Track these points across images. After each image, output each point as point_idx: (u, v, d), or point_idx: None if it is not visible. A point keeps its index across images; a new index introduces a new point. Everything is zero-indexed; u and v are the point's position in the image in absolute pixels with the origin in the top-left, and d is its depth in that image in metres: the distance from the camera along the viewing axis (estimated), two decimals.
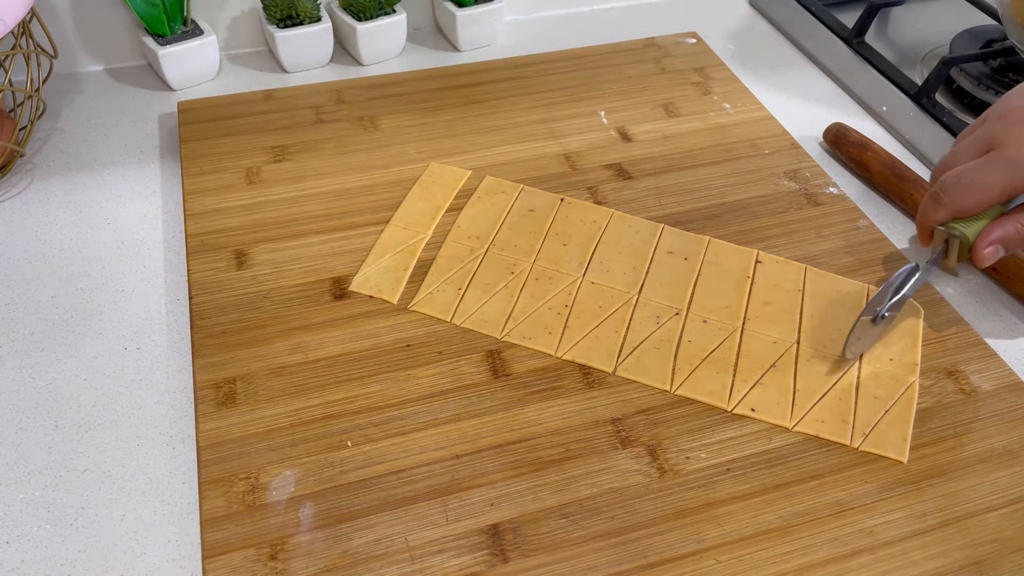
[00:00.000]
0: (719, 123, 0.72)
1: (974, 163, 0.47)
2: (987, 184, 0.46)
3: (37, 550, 0.44)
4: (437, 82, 0.75)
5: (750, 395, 0.51)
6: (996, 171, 0.46)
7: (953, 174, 0.48)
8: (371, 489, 0.46)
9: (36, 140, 0.70)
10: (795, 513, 0.45)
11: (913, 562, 0.44)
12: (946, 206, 0.48)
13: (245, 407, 0.49)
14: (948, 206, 0.48)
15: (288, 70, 0.79)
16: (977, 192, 0.47)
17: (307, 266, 0.58)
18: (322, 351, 0.52)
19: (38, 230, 0.63)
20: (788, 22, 0.88)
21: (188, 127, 0.69)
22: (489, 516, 0.45)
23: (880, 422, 0.50)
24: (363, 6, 0.77)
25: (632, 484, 0.46)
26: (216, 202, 0.62)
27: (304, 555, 0.43)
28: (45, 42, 0.71)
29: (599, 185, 0.65)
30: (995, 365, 0.53)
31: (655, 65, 0.79)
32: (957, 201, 0.48)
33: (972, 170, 0.47)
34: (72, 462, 0.48)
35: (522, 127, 0.71)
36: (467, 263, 0.58)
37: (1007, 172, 0.46)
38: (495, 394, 0.50)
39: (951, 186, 0.48)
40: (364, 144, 0.68)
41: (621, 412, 0.50)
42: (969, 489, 0.47)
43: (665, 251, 0.60)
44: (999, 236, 0.48)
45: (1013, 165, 0.45)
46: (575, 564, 0.43)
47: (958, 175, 0.47)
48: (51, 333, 0.55)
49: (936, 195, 0.49)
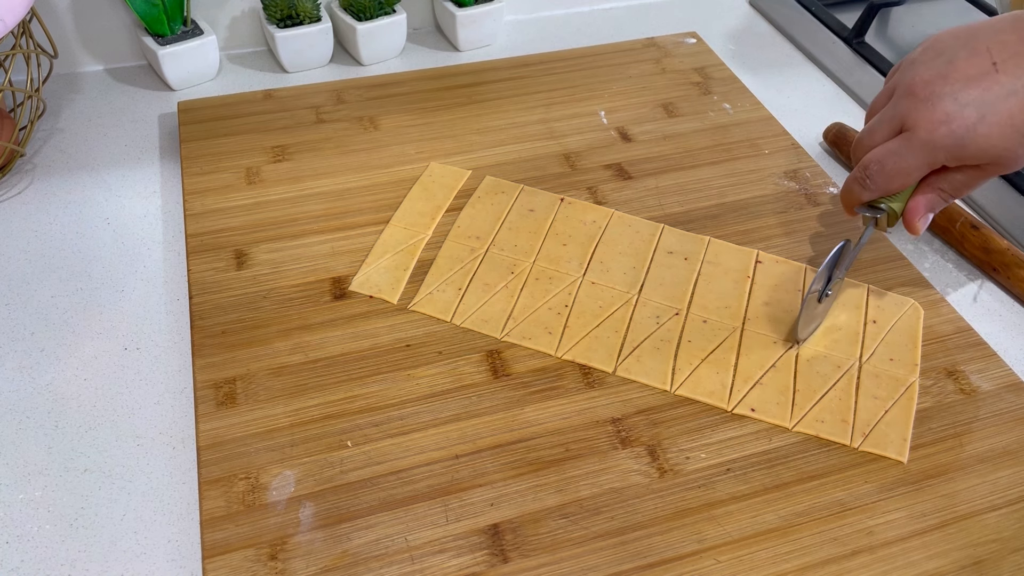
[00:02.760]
0: (719, 123, 0.72)
1: (892, 148, 0.50)
2: (908, 168, 0.49)
3: (37, 550, 0.44)
4: (437, 82, 0.75)
5: (750, 395, 0.51)
6: (914, 154, 0.49)
7: (876, 160, 0.50)
8: (371, 489, 0.46)
9: (36, 140, 0.70)
10: (795, 513, 0.45)
11: (913, 562, 0.44)
12: (872, 190, 0.51)
13: (245, 407, 0.49)
14: (874, 190, 0.51)
15: (288, 70, 0.79)
16: (901, 177, 0.50)
17: (307, 266, 0.58)
18: (322, 351, 0.52)
19: (38, 230, 0.63)
20: (788, 22, 0.88)
21: (188, 127, 0.69)
22: (489, 516, 0.45)
23: (880, 422, 0.50)
24: (363, 6, 0.77)
25: (632, 484, 0.46)
26: (216, 202, 0.62)
27: (304, 555, 0.43)
28: (45, 42, 0.71)
29: (599, 185, 0.65)
30: (995, 365, 0.53)
31: (655, 65, 0.79)
32: (882, 186, 0.51)
33: (892, 156, 0.49)
34: (72, 462, 0.48)
35: (522, 127, 0.71)
36: (467, 263, 0.58)
37: (924, 155, 0.48)
38: (495, 394, 0.50)
39: (876, 172, 0.50)
40: (364, 144, 0.68)
41: (621, 412, 0.50)
42: (969, 489, 0.47)
43: (665, 251, 0.60)
44: (926, 206, 0.51)
45: (927, 147, 0.48)
46: (575, 564, 0.43)
47: (880, 162, 0.50)
48: (51, 333, 0.55)
49: (861, 180, 0.51)
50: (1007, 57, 0.47)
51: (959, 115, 0.47)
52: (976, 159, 0.48)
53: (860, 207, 0.53)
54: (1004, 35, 0.48)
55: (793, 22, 0.88)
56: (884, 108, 0.52)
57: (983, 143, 0.47)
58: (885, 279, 0.59)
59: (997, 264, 0.60)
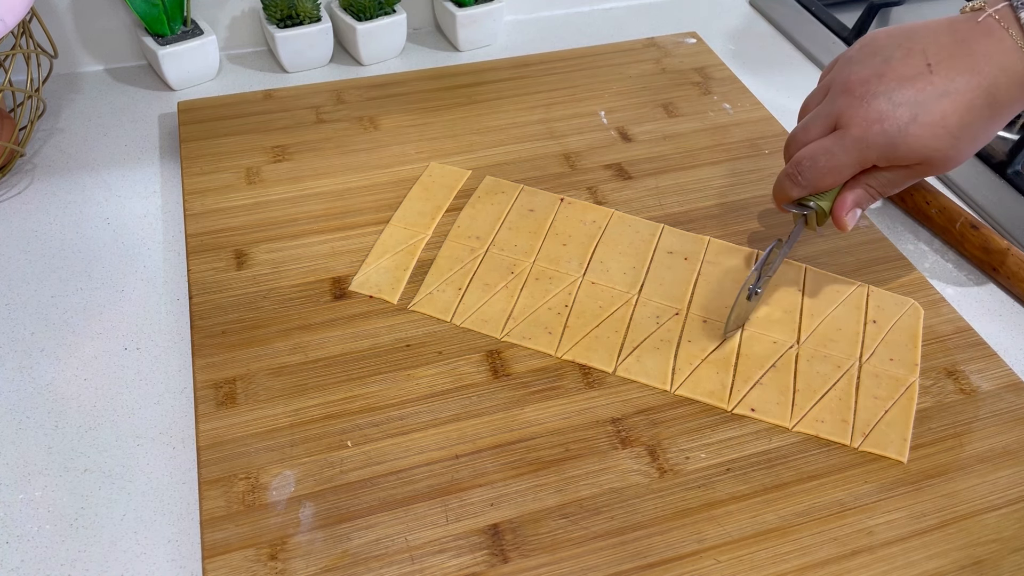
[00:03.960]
0: (719, 123, 0.72)
1: (825, 144, 0.50)
2: (840, 166, 0.50)
3: (37, 550, 0.44)
4: (437, 82, 0.75)
5: (750, 395, 0.51)
6: (846, 152, 0.49)
7: (808, 156, 0.50)
8: (371, 489, 0.46)
9: (36, 140, 0.70)
10: (795, 513, 0.45)
11: (913, 562, 0.44)
12: (803, 186, 0.51)
13: (245, 407, 0.49)
14: (805, 186, 0.51)
15: (288, 70, 0.79)
16: (832, 174, 0.50)
17: (307, 266, 0.58)
18: (322, 351, 0.52)
19: (38, 230, 0.63)
20: (788, 22, 0.88)
21: (188, 127, 0.69)
22: (489, 516, 0.45)
23: (880, 422, 0.50)
24: (363, 6, 0.77)
25: (632, 484, 0.46)
26: (216, 202, 0.62)
27: (304, 555, 0.43)
28: (45, 42, 0.71)
29: (599, 185, 0.65)
30: (995, 365, 0.53)
31: (655, 65, 0.79)
32: (814, 183, 0.51)
33: (825, 153, 0.50)
34: (72, 462, 0.48)
35: (522, 127, 0.71)
36: (467, 263, 0.58)
37: (856, 152, 0.49)
38: (495, 394, 0.50)
39: (807, 168, 0.51)
40: (364, 144, 0.68)
41: (621, 412, 0.50)
42: (969, 489, 0.47)
43: (665, 251, 0.60)
44: (853, 201, 0.51)
45: (860, 145, 0.48)
46: (575, 564, 0.43)
47: (813, 158, 0.50)
48: (51, 333, 0.55)
49: (793, 176, 0.52)
50: (942, 59, 0.47)
51: (892, 114, 0.47)
52: (907, 159, 0.48)
53: (789, 204, 0.53)
54: (940, 37, 0.48)
55: (793, 22, 0.88)
56: (819, 105, 0.52)
57: (914, 143, 0.47)
58: (885, 279, 0.59)
59: (997, 264, 0.60)
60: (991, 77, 0.47)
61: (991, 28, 0.47)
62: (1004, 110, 0.48)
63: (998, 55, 0.46)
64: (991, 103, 0.47)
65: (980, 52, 0.47)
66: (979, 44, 0.47)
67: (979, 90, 0.47)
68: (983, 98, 0.47)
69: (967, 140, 0.48)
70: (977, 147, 0.49)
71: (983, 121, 0.47)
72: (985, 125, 0.48)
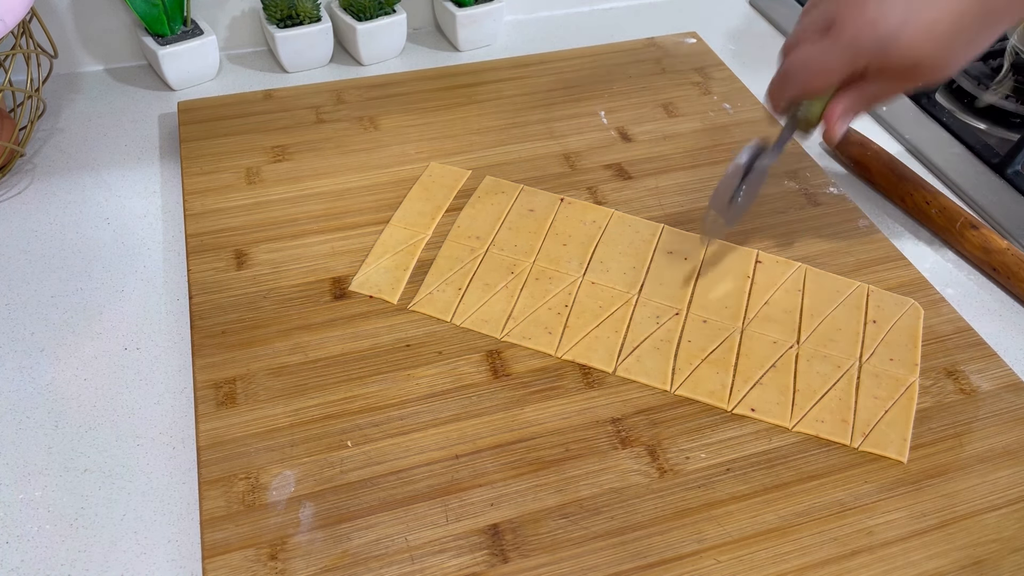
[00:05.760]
0: (719, 123, 0.72)
1: (817, 47, 0.49)
2: (831, 68, 0.49)
3: (37, 550, 0.44)
4: (437, 82, 0.75)
5: (750, 395, 0.51)
6: (838, 55, 0.49)
7: (800, 59, 0.50)
8: (371, 489, 0.46)
9: (36, 140, 0.70)
10: (795, 513, 0.45)
11: (913, 562, 0.44)
12: (794, 88, 0.51)
13: (245, 407, 0.49)
14: (796, 88, 0.51)
15: (288, 70, 0.79)
16: (823, 76, 0.50)
17: (307, 266, 0.58)
18: (322, 351, 0.52)
19: (38, 230, 0.63)
20: (788, 22, 0.88)
21: (188, 127, 0.69)
22: (489, 516, 0.45)
23: (880, 422, 0.50)
24: (363, 6, 0.77)
25: (632, 484, 0.46)
26: (216, 202, 0.62)
27: (304, 555, 0.43)
28: (45, 42, 0.71)
29: (599, 185, 0.65)
30: (995, 365, 0.53)
31: (655, 65, 0.79)
32: (805, 85, 0.50)
33: (817, 54, 0.49)
34: (72, 462, 0.48)
35: (522, 127, 0.71)
36: (467, 263, 0.58)
37: (848, 54, 0.48)
38: (495, 394, 0.51)
39: (799, 70, 0.50)
40: (364, 144, 0.68)
41: (621, 412, 0.50)
42: (969, 489, 0.47)
43: (665, 251, 0.60)
44: (844, 107, 0.51)
45: (851, 46, 0.48)
46: (575, 564, 0.43)
47: (804, 60, 0.50)
48: (51, 333, 0.55)
49: (784, 77, 0.51)
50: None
51: (884, 18, 0.47)
52: (897, 63, 0.48)
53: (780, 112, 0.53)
54: None
55: (793, 22, 0.88)
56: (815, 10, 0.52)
57: (905, 47, 0.47)
58: (885, 279, 0.59)
59: (997, 264, 0.60)
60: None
61: None
62: (997, 18, 0.47)
63: None
64: (985, 10, 0.46)
65: None
66: None
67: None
68: (976, 5, 0.46)
69: (959, 46, 0.47)
70: (970, 55, 0.48)
71: (975, 28, 0.47)
72: (978, 31, 0.47)
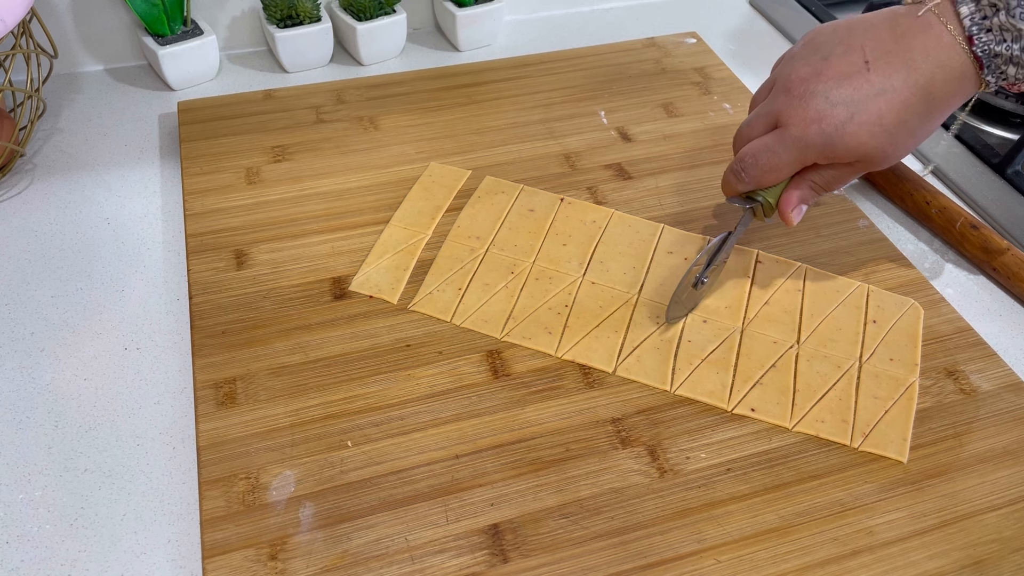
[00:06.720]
0: (719, 123, 0.72)
1: (766, 143, 0.50)
2: (781, 164, 0.50)
3: (37, 550, 0.44)
4: (437, 82, 0.75)
5: (750, 395, 0.51)
6: (786, 151, 0.50)
7: (751, 154, 0.51)
8: (371, 489, 0.46)
9: (36, 140, 0.70)
10: (795, 513, 0.45)
11: (913, 562, 0.44)
12: (747, 183, 0.52)
13: (245, 407, 0.49)
14: (749, 182, 0.52)
15: (288, 70, 0.79)
16: (774, 172, 0.51)
17: (307, 266, 0.58)
18: (322, 351, 0.52)
19: (38, 230, 0.63)
20: (788, 22, 0.88)
21: (188, 127, 0.69)
22: (489, 516, 0.45)
23: (880, 422, 0.50)
24: (363, 6, 0.77)
25: (632, 484, 0.46)
26: (216, 202, 0.62)
27: (304, 555, 0.43)
28: (45, 42, 0.71)
29: (599, 185, 0.65)
30: (995, 365, 0.53)
31: (655, 65, 0.79)
32: (756, 179, 0.52)
33: (766, 152, 0.50)
34: (72, 462, 0.48)
35: (522, 127, 0.71)
36: (467, 263, 0.58)
37: (796, 152, 0.49)
38: (495, 394, 0.51)
39: (750, 166, 0.51)
40: (364, 144, 0.68)
41: (621, 412, 0.50)
42: (969, 489, 0.47)
43: (665, 251, 0.60)
44: (799, 198, 0.52)
45: (799, 144, 0.49)
46: (575, 564, 0.43)
47: (755, 156, 0.51)
48: (51, 333, 0.55)
49: (737, 172, 0.53)
50: (879, 55, 0.47)
51: (830, 114, 0.47)
52: (845, 157, 0.49)
53: (734, 198, 0.54)
54: (879, 31, 0.48)
55: (793, 22, 0.88)
56: (763, 102, 0.52)
57: (852, 142, 0.47)
58: (885, 279, 0.59)
59: (997, 264, 0.60)
60: (927, 74, 0.46)
61: (930, 23, 0.47)
62: (941, 106, 0.48)
63: (936, 51, 0.46)
64: (927, 99, 0.47)
65: (918, 48, 0.47)
66: (917, 39, 0.47)
67: (916, 87, 0.47)
68: (919, 95, 0.47)
69: (904, 137, 0.48)
70: (916, 143, 0.49)
71: (920, 117, 0.48)
72: (922, 121, 0.48)
